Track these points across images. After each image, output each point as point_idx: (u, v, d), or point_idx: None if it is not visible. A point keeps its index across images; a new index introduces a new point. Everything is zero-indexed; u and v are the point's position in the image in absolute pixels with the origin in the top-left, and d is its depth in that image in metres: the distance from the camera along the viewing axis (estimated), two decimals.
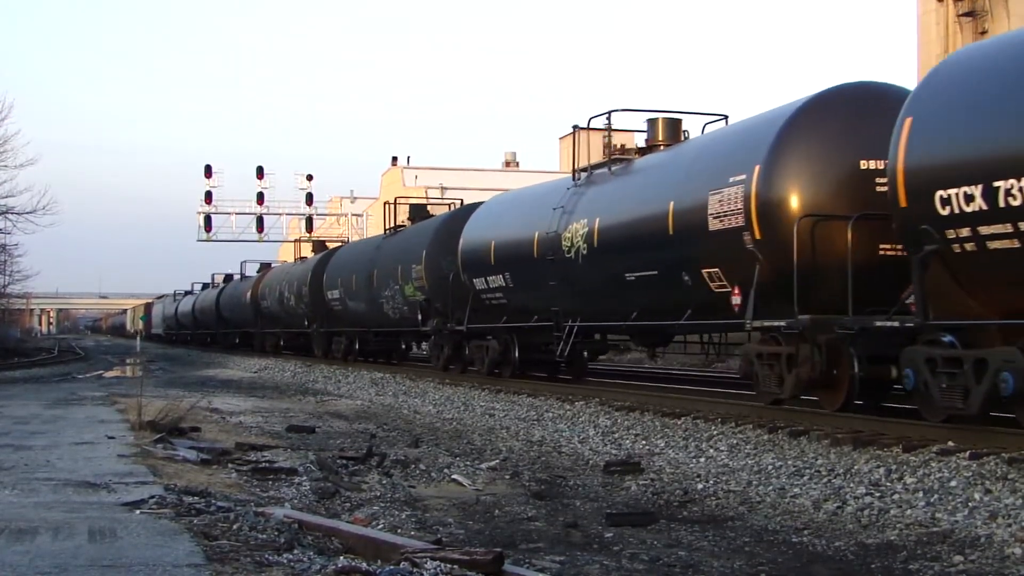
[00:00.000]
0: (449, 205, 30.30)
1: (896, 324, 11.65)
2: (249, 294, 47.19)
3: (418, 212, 30.28)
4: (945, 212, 10.25)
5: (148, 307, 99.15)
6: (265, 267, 51.89)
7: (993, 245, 9.87)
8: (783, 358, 12.97)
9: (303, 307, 37.48)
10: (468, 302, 22.60)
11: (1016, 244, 9.64)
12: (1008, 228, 9.65)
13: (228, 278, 59.83)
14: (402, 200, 34.41)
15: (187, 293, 72.66)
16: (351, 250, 35.77)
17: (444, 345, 24.64)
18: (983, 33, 32.36)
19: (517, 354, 21.23)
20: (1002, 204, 9.62)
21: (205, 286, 66.32)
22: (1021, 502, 7.93)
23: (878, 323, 11.86)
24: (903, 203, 10.83)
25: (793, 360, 12.72)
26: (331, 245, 42.51)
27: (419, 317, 25.55)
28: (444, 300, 23.88)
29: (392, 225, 30.53)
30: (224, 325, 55.31)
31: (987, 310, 10.39)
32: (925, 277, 10.73)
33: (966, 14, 33.91)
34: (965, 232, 10.10)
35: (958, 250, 10.25)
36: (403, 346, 32.97)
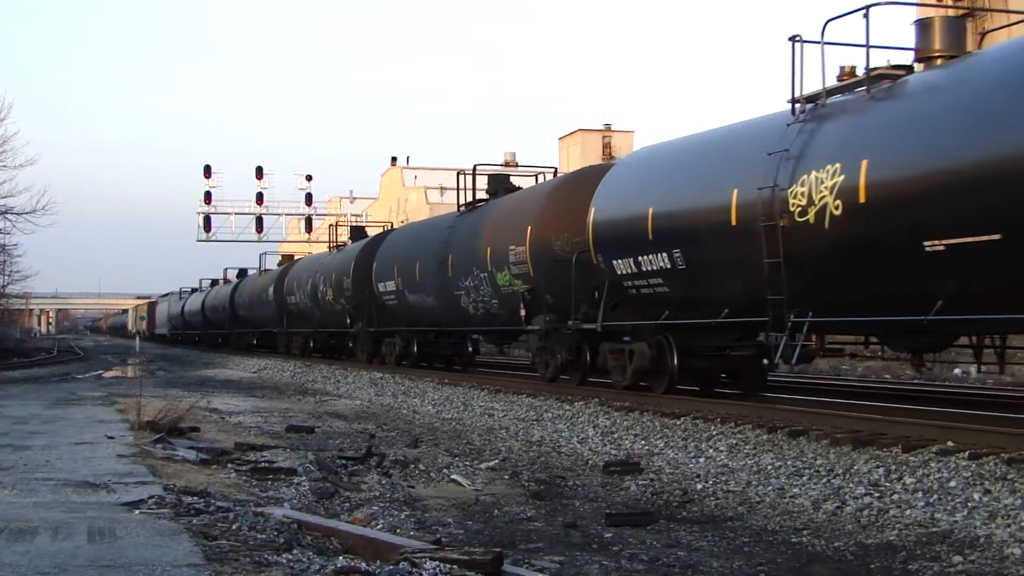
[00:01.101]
0: (537, 176, 24.01)
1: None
2: (272, 289, 41.80)
3: (499, 183, 23.69)
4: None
5: (151, 306, 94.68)
6: (287, 259, 47.16)
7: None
8: None
9: (343, 303, 32.08)
10: (603, 293, 17.35)
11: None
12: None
13: (243, 273, 55.66)
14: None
15: (194, 290, 68.06)
16: (410, 232, 29.50)
17: (557, 349, 19.12)
18: (983, 33, 32.36)
19: (676, 361, 15.77)
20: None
21: (215, 282, 62.05)
22: (1020, 502, 7.93)
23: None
24: None
25: None
26: (372, 232, 37.38)
27: (522, 312, 20.04)
28: (560, 291, 18.43)
29: (471, 200, 24.25)
30: (240, 324, 50.13)
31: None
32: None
33: (966, 15, 33.95)
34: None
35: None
36: (470, 348, 27.37)
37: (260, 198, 55.77)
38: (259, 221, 55.91)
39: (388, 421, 16.44)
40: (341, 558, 6.14)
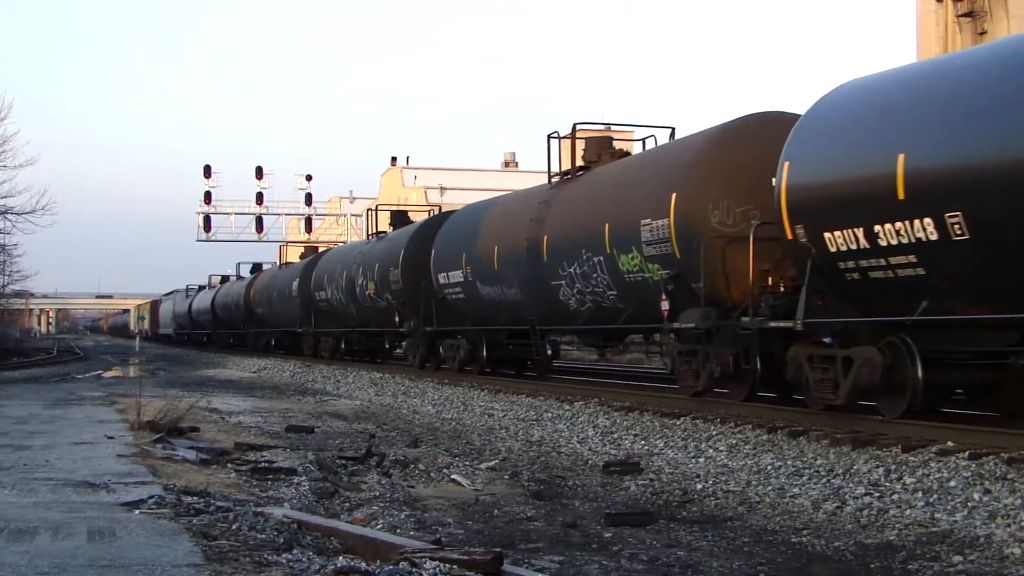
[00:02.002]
0: (644, 142, 19.11)
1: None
2: (297, 284, 37.17)
3: (602, 147, 19.40)
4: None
5: (155, 304, 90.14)
6: (311, 251, 42.73)
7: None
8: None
9: (389, 298, 27.80)
10: (805, 277, 12.44)
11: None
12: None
13: (257, 267, 52.31)
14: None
15: (202, 287, 64.37)
16: (485, 210, 23.25)
17: (715, 354, 14.34)
18: (982, 34, 32.39)
19: (921, 373, 11.31)
20: None
21: (225, 279, 58.91)
22: (1020, 502, 7.93)
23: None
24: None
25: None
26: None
27: (664, 306, 15.17)
28: (718, 277, 14.24)
29: (571, 166, 19.46)
30: (257, 323, 46.01)
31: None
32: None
33: (965, 15, 33.95)
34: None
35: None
36: (548, 351, 22.57)
37: (260, 198, 55.84)
38: (259, 221, 55.96)
39: (388, 421, 16.44)
40: (341, 558, 6.14)
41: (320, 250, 42.83)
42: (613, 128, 23.86)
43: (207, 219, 55.54)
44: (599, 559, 7.03)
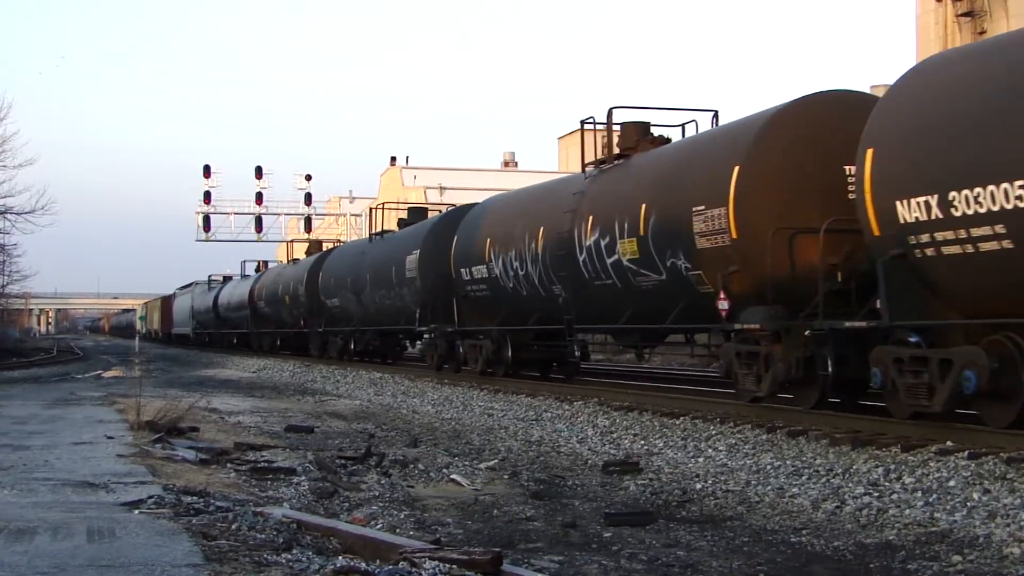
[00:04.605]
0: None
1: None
2: (394, 271, 27.33)
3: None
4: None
5: (167, 301, 78.46)
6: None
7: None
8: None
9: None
10: None
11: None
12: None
13: (318, 250, 41.63)
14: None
15: (227, 279, 56.72)
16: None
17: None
18: (982, 33, 32.42)
19: None
20: None
21: (258, 267, 51.39)
22: (1020, 502, 7.93)
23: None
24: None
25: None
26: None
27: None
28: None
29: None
30: (331, 320, 34.59)
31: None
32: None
33: (965, 14, 33.98)
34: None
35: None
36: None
37: (259, 198, 55.86)
38: (258, 221, 55.99)
39: (387, 421, 16.43)
40: (340, 558, 6.14)
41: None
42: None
43: (207, 219, 55.58)
44: (599, 559, 7.03)
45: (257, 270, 51.16)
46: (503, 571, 5.88)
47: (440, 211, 30.57)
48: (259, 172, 55.62)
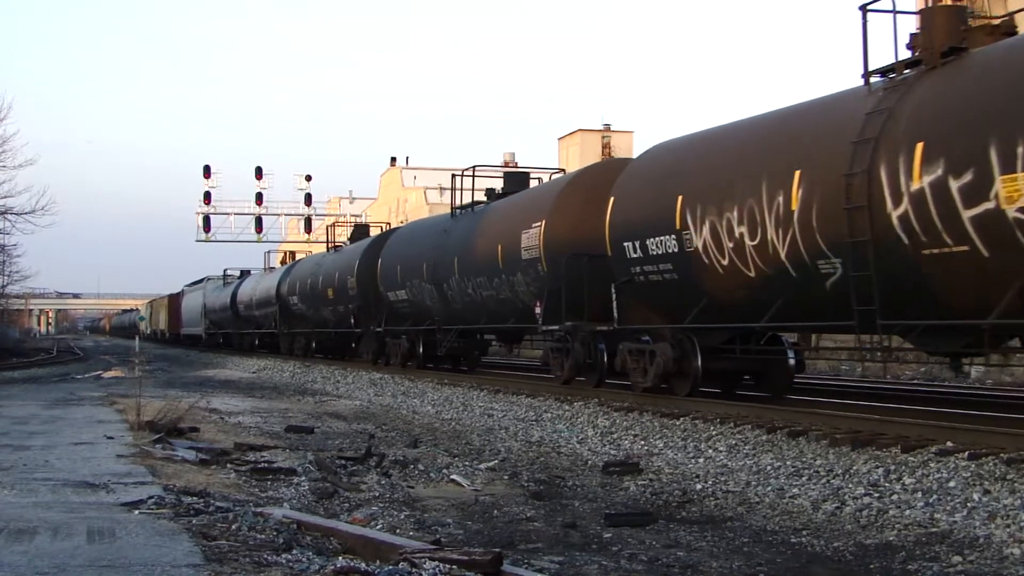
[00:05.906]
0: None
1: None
2: (501, 251, 20.65)
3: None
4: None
5: (175, 299, 72.91)
6: (494, 195, 23.86)
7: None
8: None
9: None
10: None
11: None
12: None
13: (365, 235, 35.98)
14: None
15: (244, 273, 52.44)
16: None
17: None
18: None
19: None
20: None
21: (284, 260, 47.98)
22: (1020, 502, 7.93)
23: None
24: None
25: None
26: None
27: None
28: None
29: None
30: (394, 318, 28.65)
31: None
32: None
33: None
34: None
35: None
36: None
37: (259, 198, 55.94)
38: (258, 221, 56.06)
39: (387, 421, 16.44)
40: (340, 558, 6.14)
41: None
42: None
43: (207, 219, 55.64)
44: (599, 559, 7.03)
45: (283, 263, 46.70)
46: (503, 571, 5.88)
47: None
48: (259, 172, 55.70)
